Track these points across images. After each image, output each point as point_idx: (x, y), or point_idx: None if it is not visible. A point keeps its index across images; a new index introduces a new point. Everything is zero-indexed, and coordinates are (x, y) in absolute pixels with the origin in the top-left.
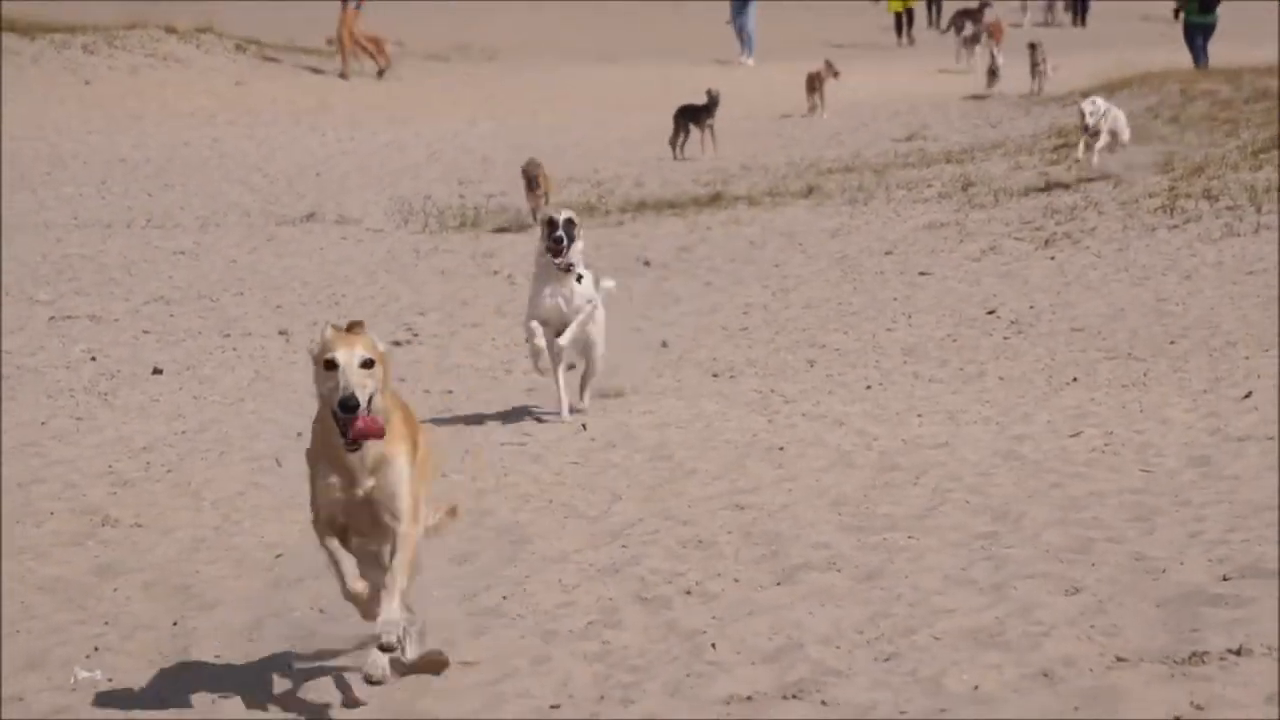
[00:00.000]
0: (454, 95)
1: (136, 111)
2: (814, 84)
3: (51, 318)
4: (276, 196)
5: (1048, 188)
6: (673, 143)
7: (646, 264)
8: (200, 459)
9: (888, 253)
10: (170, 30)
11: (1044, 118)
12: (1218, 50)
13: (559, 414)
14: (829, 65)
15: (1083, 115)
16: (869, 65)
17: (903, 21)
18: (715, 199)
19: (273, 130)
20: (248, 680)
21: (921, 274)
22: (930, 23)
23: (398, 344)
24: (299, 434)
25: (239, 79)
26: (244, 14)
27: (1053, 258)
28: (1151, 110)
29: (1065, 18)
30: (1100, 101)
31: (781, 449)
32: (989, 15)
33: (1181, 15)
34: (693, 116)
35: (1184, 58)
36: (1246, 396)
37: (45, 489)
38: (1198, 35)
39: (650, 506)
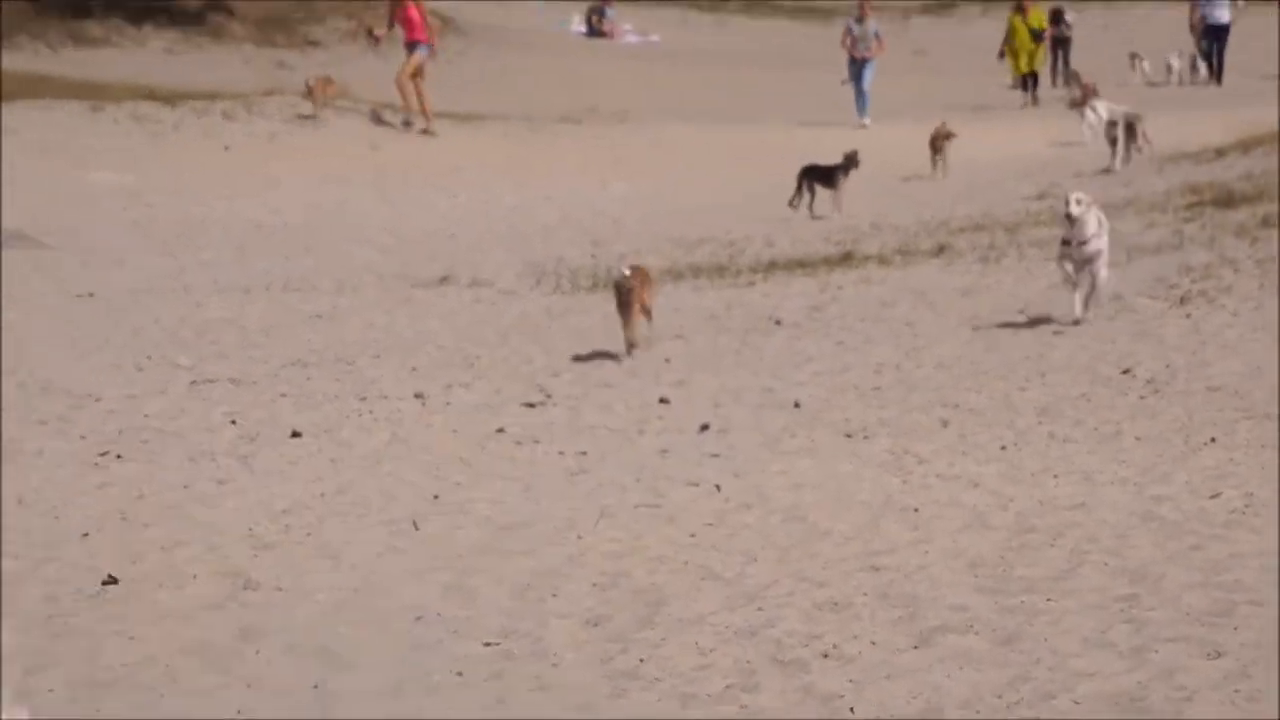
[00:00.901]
0: (584, 157)
1: (274, 176)
2: (936, 143)
3: (193, 382)
4: (411, 259)
5: (1181, 245)
6: (793, 203)
7: (778, 323)
8: (339, 521)
9: (1020, 311)
10: (307, 96)
11: (1176, 175)
12: None
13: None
14: (944, 126)
15: (1067, 204)
16: (995, 126)
17: (1028, 83)
18: (846, 258)
19: (406, 193)
20: None
21: (1055, 333)
22: (1053, 83)
23: (530, 405)
24: (435, 496)
25: (373, 143)
26: (376, 77)
27: (1188, 316)
28: None
29: (1193, 76)
30: (1093, 207)
31: (916, 510)
32: (1085, 76)
33: None
34: (819, 176)
35: None
36: None
37: (187, 552)
38: None
39: (785, 568)
